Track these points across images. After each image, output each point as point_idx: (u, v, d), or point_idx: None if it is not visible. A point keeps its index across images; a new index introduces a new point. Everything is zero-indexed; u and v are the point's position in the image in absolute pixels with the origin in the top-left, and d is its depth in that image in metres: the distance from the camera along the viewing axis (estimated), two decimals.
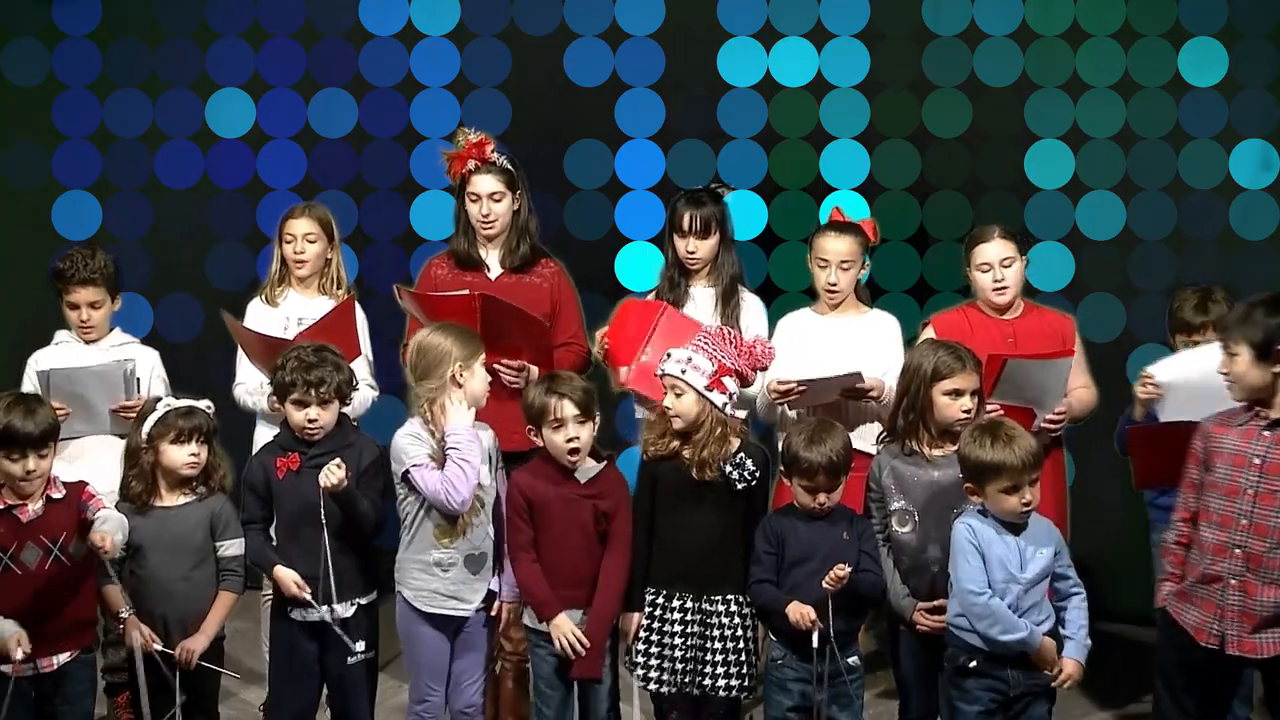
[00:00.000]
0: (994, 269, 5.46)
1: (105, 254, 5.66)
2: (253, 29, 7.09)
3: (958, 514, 4.74)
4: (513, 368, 5.40)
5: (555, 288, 5.66)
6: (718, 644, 4.83)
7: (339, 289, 5.78)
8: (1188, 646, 4.60)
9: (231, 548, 4.96)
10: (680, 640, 4.83)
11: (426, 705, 4.92)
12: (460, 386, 4.80)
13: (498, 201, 5.61)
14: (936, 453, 4.85)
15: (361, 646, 4.89)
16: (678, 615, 4.84)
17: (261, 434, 5.60)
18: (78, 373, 5.39)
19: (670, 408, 4.83)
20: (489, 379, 4.96)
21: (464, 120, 6.51)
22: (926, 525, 4.81)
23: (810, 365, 5.38)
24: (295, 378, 4.86)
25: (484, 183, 5.60)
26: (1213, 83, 6.75)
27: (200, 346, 6.88)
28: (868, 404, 5.39)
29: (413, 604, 4.87)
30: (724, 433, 4.83)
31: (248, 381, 5.64)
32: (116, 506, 4.82)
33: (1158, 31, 6.76)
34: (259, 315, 5.72)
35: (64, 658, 4.67)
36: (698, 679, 4.82)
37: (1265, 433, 4.48)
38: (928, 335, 5.42)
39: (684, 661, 4.83)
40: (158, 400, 5.07)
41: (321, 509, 4.77)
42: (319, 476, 4.74)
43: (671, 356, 4.87)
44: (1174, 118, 6.78)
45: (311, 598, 4.82)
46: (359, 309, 5.67)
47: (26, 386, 5.40)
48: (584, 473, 4.88)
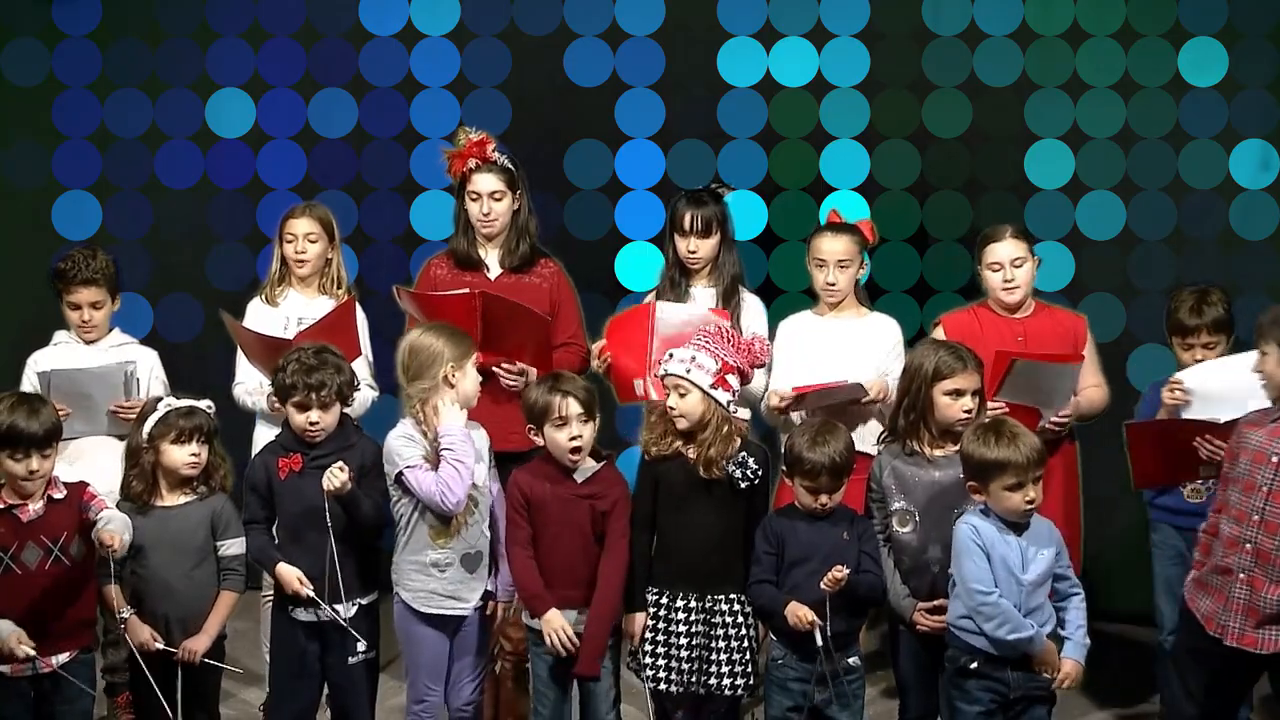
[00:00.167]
0: (1005, 268, 5.47)
1: (105, 254, 5.66)
2: (253, 29, 7.08)
3: (959, 514, 4.74)
4: (513, 371, 5.40)
5: (555, 288, 5.66)
6: (721, 643, 4.82)
7: (339, 289, 5.77)
8: (1198, 635, 4.63)
9: (232, 547, 4.97)
10: (686, 640, 4.82)
11: (425, 705, 4.92)
12: (452, 387, 4.80)
13: (498, 200, 5.61)
14: (937, 453, 4.84)
15: (363, 646, 4.89)
16: (682, 615, 4.84)
17: (261, 434, 5.60)
18: (79, 374, 5.39)
19: (674, 407, 4.82)
20: (480, 379, 4.94)
21: (464, 120, 6.50)
22: (927, 525, 4.81)
23: (811, 367, 5.38)
24: (296, 380, 4.86)
25: (484, 181, 5.60)
26: (1213, 83, 6.75)
27: (200, 346, 6.88)
28: (871, 406, 5.39)
29: (410, 605, 4.86)
30: (730, 431, 4.84)
31: (247, 381, 5.64)
32: (118, 506, 4.82)
33: (1158, 31, 6.77)
34: (259, 315, 5.72)
35: (64, 658, 4.67)
36: (703, 678, 4.82)
37: None
38: (937, 335, 5.43)
39: (690, 661, 4.82)
40: (158, 400, 5.07)
41: (326, 511, 4.77)
42: (322, 480, 4.74)
43: (674, 356, 4.87)
44: (1174, 118, 6.79)
45: (341, 595, 4.81)
46: (359, 309, 5.67)
47: (25, 387, 5.40)
48: (582, 472, 4.88)
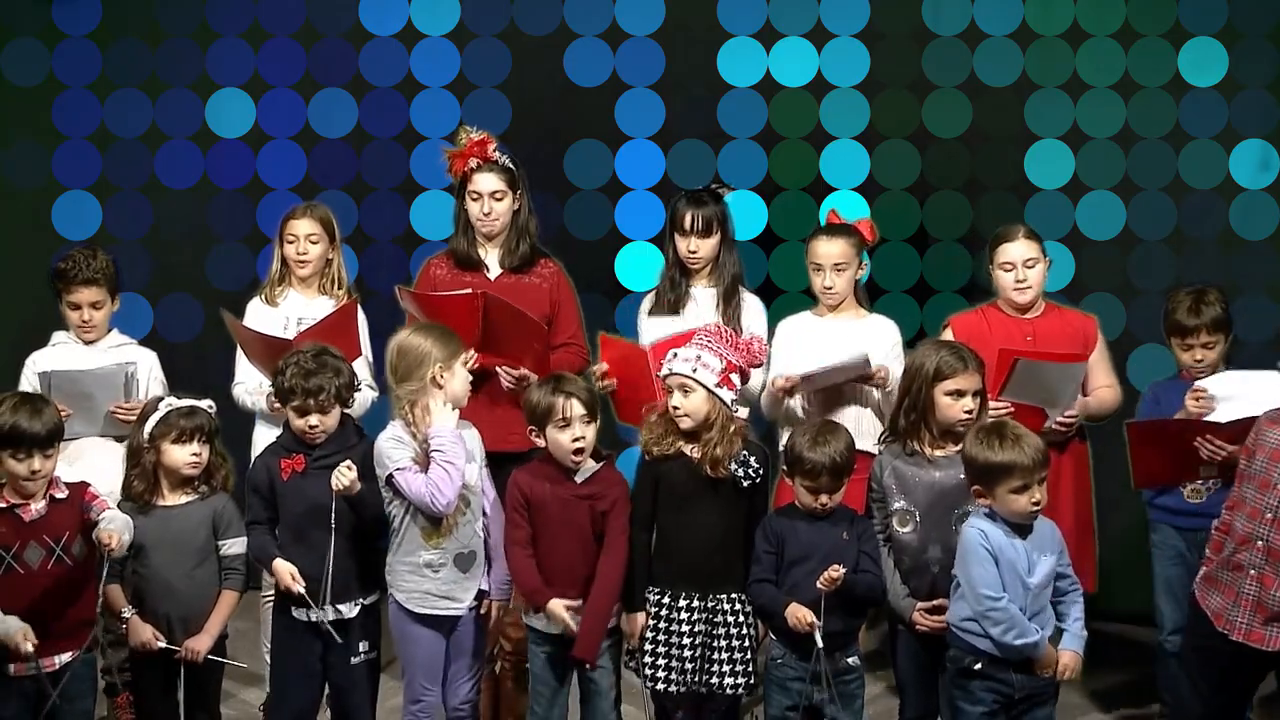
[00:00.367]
0: (1017, 269, 5.47)
1: (106, 254, 5.66)
2: (253, 29, 7.08)
3: (959, 514, 4.74)
4: (514, 375, 5.40)
5: (555, 288, 5.66)
6: (723, 642, 4.82)
7: (339, 289, 5.77)
8: (1206, 631, 4.63)
9: (234, 546, 4.97)
10: (688, 640, 4.82)
11: (422, 705, 4.91)
12: (441, 388, 4.79)
13: (499, 200, 5.60)
14: (938, 453, 4.84)
15: (365, 646, 4.90)
16: (684, 615, 4.83)
17: (260, 434, 5.59)
18: (80, 375, 5.39)
19: (679, 406, 4.81)
20: (470, 378, 4.93)
21: (464, 120, 6.49)
22: (927, 525, 4.80)
23: (808, 368, 5.37)
24: (295, 384, 4.85)
25: (485, 181, 5.60)
26: (1213, 83, 6.75)
27: (200, 346, 6.88)
28: (870, 392, 5.39)
29: (405, 606, 4.85)
30: (736, 430, 4.84)
31: (247, 381, 5.63)
32: (119, 506, 4.82)
33: (1158, 31, 6.77)
34: (259, 315, 5.71)
35: (65, 658, 4.66)
36: (705, 677, 4.82)
37: None
38: (945, 336, 5.43)
39: (692, 661, 4.81)
40: (159, 400, 5.07)
41: (332, 510, 4.77)
42: (330, 480, 4.74)
43: (679, 356, 4.86)
44: (1174, 118, 6.79)
45: (313, 597, 4.81)
46: (360, 311, 5.66)
47: (24, 387, 5.39)
48: (582, 473, 4.87)
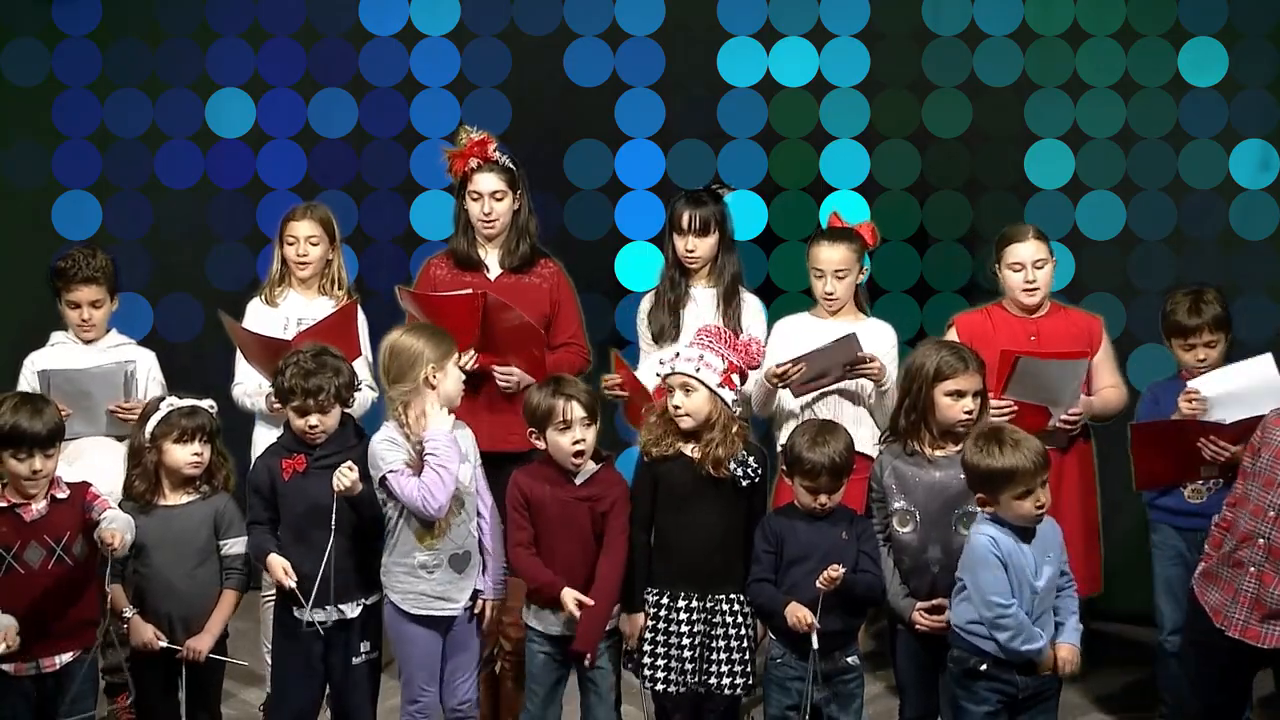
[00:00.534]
0: (1026, 269, 5.47)
1: (105, 253, 5.66)
2: (253, 29, 7.08)
3: (959, 515, 4.75)
4: (510, 379, 5.39)
5: (555, 288, 5.65)
6: (721, 642, 4.82)
7: (339, 290, 5.76)
8: (1204, 627, 4.65)
9: (235, 546, 4.97)
10: (687, 640, 4.82)
11: (420, 705, 4.91)
12: (433, 389, 4.78)
13: (499, 200, 5.60)
14: (938, 453, 4.83)
15: (366, 646, 4.90)
16: (684, 615, 4.83)
17: (260, 434, 5.59)
18: (79, 374, 5.39)
19: (680, 406, 4.81)
20: (463, 379, 4.92)
21: (464, 120, 6.49)
22: (927, 525, 4.80)
23: (797, 353, 5.36)
24: (295, 385, 4.84)
25: (486, 181, 5.59)
26: (1213, 83, 6.75)
27: (200, 346, 6.87)
28: (867, 396, 5.39)
29: (401, 607, 4.84)
30: (738, 431, 4.84)
31: (246, 382, 5.63)
32: (120, 505, 4.81)
33: (1158, 31, 6.77)
34: (259, 315, 5.71)
35: (66, 658, 4.67)
36: (704, 678, 4.82)
37: None
38: (950, 335, 5.44)
39: (691, 661, 4.81)
40: (161, 400, 5.07)
41: (334, 511, 4.77)
42: (332, 480, 4.74)
43: (681, 355, 4.87)
44: (1174, 118, 6.79)
45: (312, 597, 4.81)
46: (360, 312, 5.66)
47: (23, 386, 5.39)
48: (581, 474, 4.87)
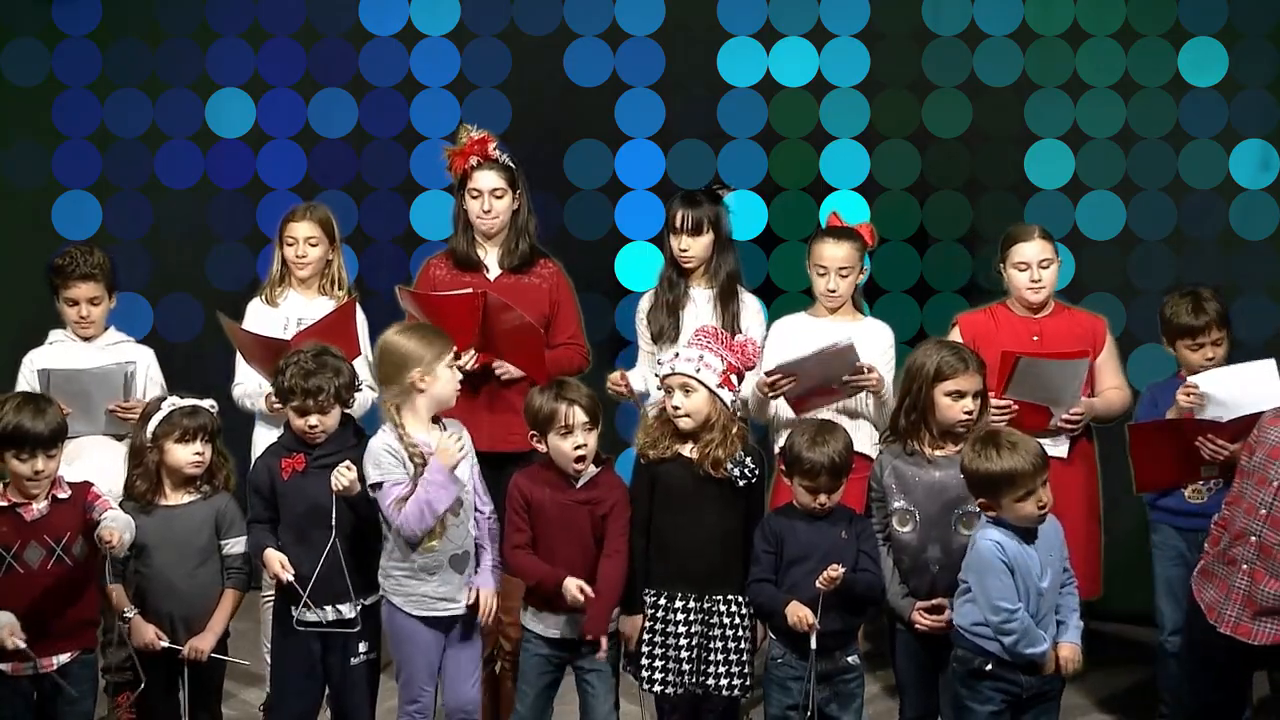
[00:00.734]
0: (1032, 269, 5.47)
1: (102, 251, 5.66)
2: (253, 29, 7.09)
3: (959, 515, 4.75)
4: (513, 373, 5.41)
5: (554, 288, 5.65)
6: (719, 643, 4.82)
7: (339, 290, 5.76)
8: (1200, 625, 4.67)
9: (237, 546, 4.97)
10: (685, 641, 4.81)
11: (419, 706, 4.90)
12: (421, 392, 4.76)
13: (499, 198, 5.60)
14: (938, 453, 4.83)
15: (365, 647, 4.90)
16: (681, 616, 4.83)
17: (260, 434, 5.59)
18: (79, 374, 5.38)
19: (679, 406, 4.81)
20: (458, 381, 4.88)
21: (464, 120, 6.49)
22: (927, 525, 4.80)
23: (790, 357, 5.35)
24: (295, 385, 4.84)
25: (485, 179, 5.59)
26: (1213, 83, 6.76)
27: (200, 346, 6.88)
28: (865, 403, 5.39)
29: (403, 609, 4.83)
30: (739, 430, 4.84)
31: (246, 382, 5.63)
32: (121, 505, 4.81)
33: (1158, 31, 6.77)
34: (259, 315, 5.71)
35: (65, 658, 4.67)
36: (702, 679, 4.82)
37: None
38: (953, 335, 5.44)
39: (689, 662, 4.81)
40: (162, 400, 5.07)
41: (333, 511, 4.76)
42: (330, 480, 4.73)
43: (681, 355, 4.87)
44: (1174, 118, 6.79)
45: (311, 597, 4.81)
46: (359, 311, 5.66)
47: (22, 385, 5.39)
48: (581, 478, 4.85)
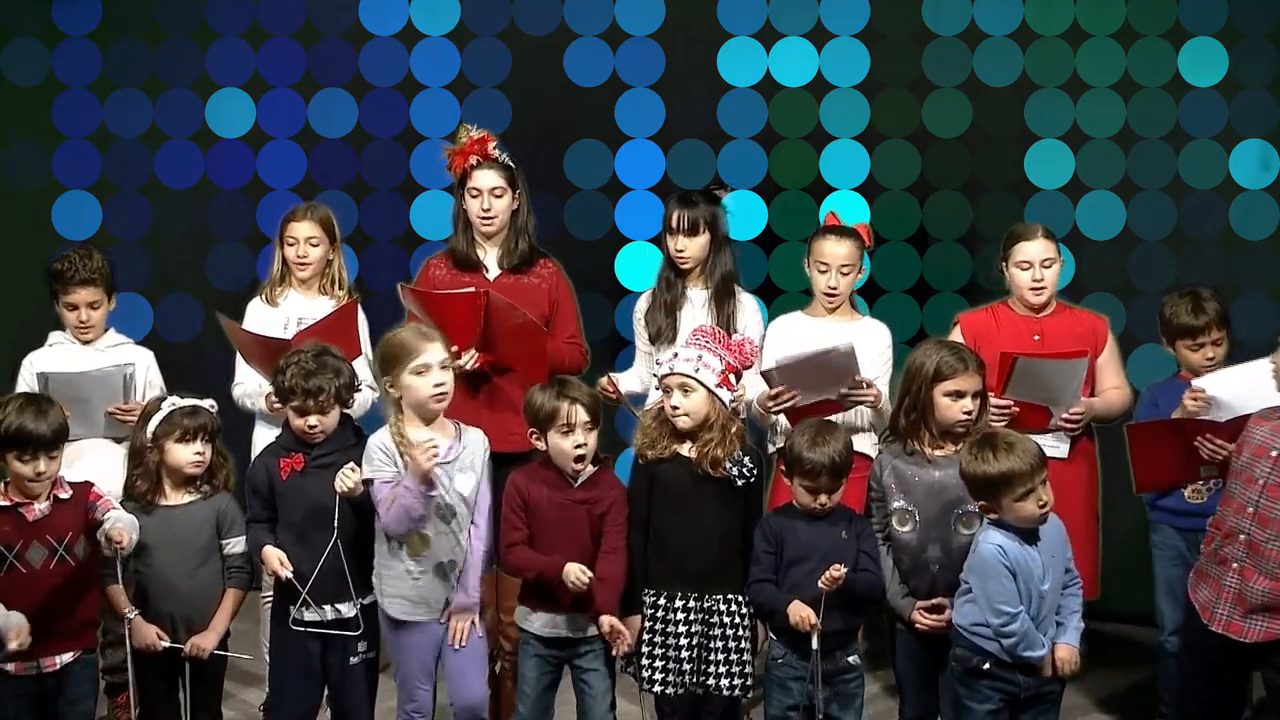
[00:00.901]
0: (1034, 268, 5.47)
1: (101, 254, 5.66)
2: (253, 29, 7.09)
3: (959, 514, 4.75)
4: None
5: (553, 288, 5.65)
6: (719, 643, 4.82)
7: (340, 290, 5.76)
8: (1198, 626, 4.70)
9: (238, 545, 4.97)
10: (685, 640, 4.81)
11: (416, 705, 4.91)
12: (399, 397, 4.76)
13: (499, 198, 5.60)
14: (937, 453, 4.83)
15: (364, 646, 4.90)
16: (681, 616, 4.82)
17: (260, 434, 5.59)
18: (78, 377, 5.38)
19: (678, 406, 4.81)
20: (434, 383, 4.79)
21: (464, 120, 6.49)
22: (927, 525, 4.80)
23: (788, 355, 5.34)
24: (295, 385, 4.84)
25: (485, 178, 5.59)
26: (1213, 83, 6.75)
27: (200, 346, 6.89)
28: (863, 411, 5.40)
29: (387, 610, 4.85)
30: (737, 430, 4.84)
31: (246, 382, 5.63)
32: (120, 506, 4.81)
33: (1158, 31, 6.77)
34: (259, 315, 5.71)
35: (67, 657, 4.68)
36: (702, 679, 4.81)
37: None
38: (954, 334, 5.44)
39: (689, 662, 4.81)
40: (161, 400, 5.07)
41: (336, 512, 4.76)
42: (334, 483, 4.74)
43: (680, 355, 4.87)
44: (1174, 118, 6.79)
45: (311, 596, 4.81)
46: (360, 311, 5.66)
47: (22, 387, 5.39)
48: (579, 477, 4.85)
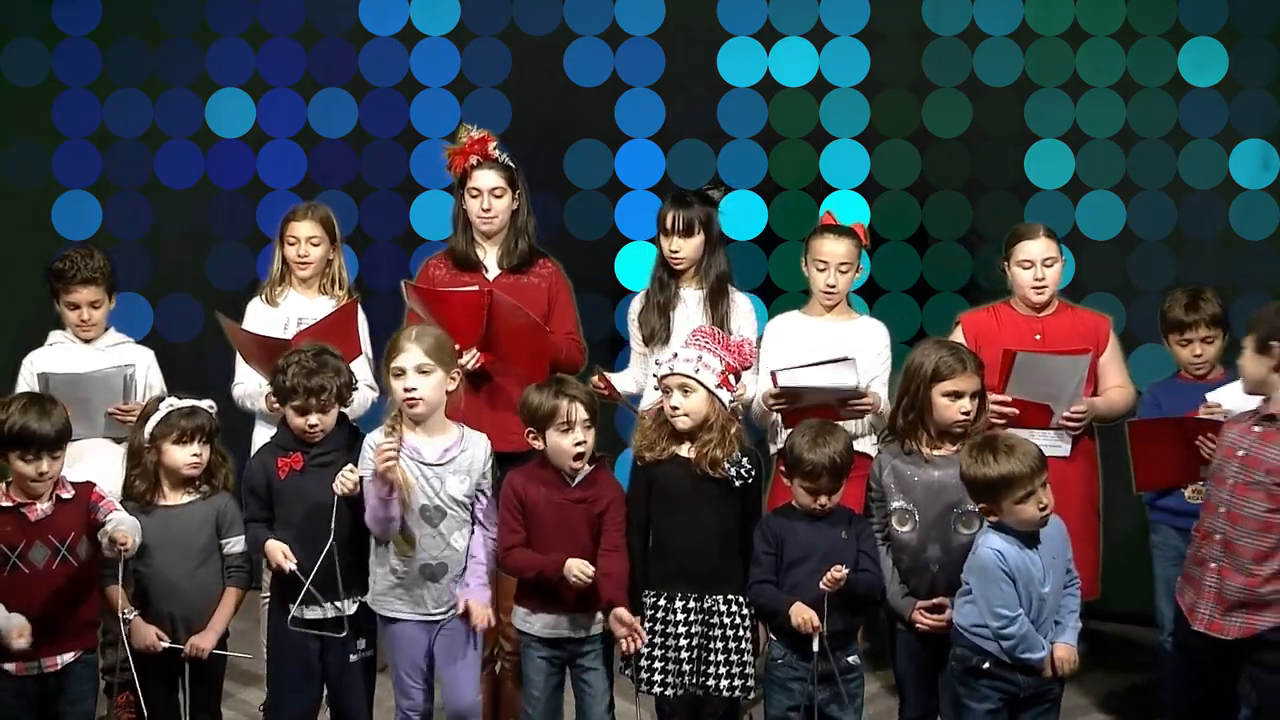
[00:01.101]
0: (1036, 267, 5.48)
1: (101, 253, 5.67)
2: (253, 29, 7.10)
3: (958, 514, 4.75)
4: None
5: (552, 287, 5.65)
6: (719, 644, 4.81)
7: (340, 289, 5.77)
8: (1184, 626, 4.76)
9: (237, 545, 4.97)
10: (685, 641, 4.81)
11: (411, 704, 4.91)
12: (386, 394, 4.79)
13: (499, 198, 5.60)
14: (936, 453, 4.84)
15: (362, 644, 4.91)
16: (680, 616, 4.82)
17: (260, 434, 5.59)
18: (79, 378, 5.38)
19: (678, 407, 4.81)
20: (407, 389, 4.80)
21: (464, 120, 6.49)
22: (926, 525, 4.80)
23: (792, 366, 5.35)
24: (296, 384, 4.85)
25: (485, 177, 5.60)
26: (1213, 83, 6.76)
27: (200, 346, 6.89)
28: (862, 415, 5.40)
29: (374, 606, 4.87)
30: (736, 430, 4.85)
31: (247, 382, 5.63)
32: (120, 506, 4.80)
33: (1158, 31, 6.78)
34: (259, 315, 5.71)
35: (68, 657, 4.69)
36: (702, 680, 4.81)
37: (1255, 428, 4.63)
38: (956, 334, 5.46)
39: (689, 663, 4.80)
40: (160, 400, 5.07)
41: (334, 512, 4.76)
42: (334, 484, 4.74)
43: (680, 355, 4.87)
44: (1174, 118, 6.79)
45: (303, 593, 4.81)
46: (360, 311, 5.66)
47: (22, 387, 5.40)
48: (576, 476, 4.85)
